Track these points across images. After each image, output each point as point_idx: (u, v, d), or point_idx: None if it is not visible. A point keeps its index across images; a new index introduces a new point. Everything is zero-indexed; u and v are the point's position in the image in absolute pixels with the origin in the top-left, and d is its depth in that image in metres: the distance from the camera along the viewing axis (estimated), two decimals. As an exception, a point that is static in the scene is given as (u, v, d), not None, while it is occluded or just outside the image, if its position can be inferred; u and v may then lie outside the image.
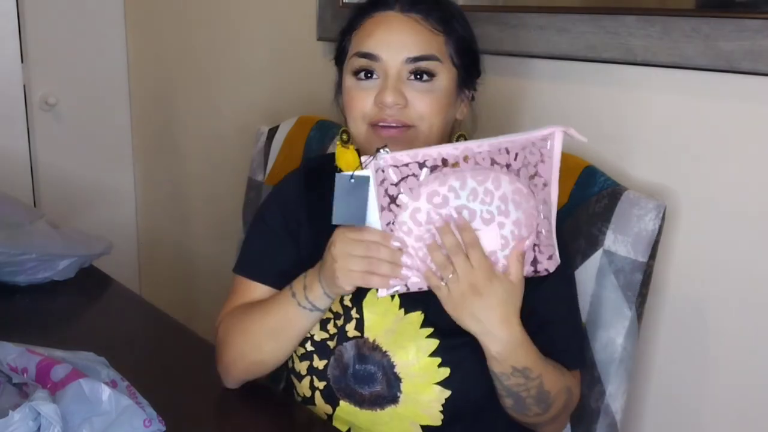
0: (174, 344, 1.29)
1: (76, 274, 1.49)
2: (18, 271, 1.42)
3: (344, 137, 1.05)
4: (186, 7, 2.18)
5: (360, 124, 1.02)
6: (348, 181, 0.92)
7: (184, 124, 2.29)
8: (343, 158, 1.03)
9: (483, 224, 0.91)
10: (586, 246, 1.12)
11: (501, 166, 0.91)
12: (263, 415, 1.11)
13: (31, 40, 2.20)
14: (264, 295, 1.10)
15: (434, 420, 1.02)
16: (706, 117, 1.16)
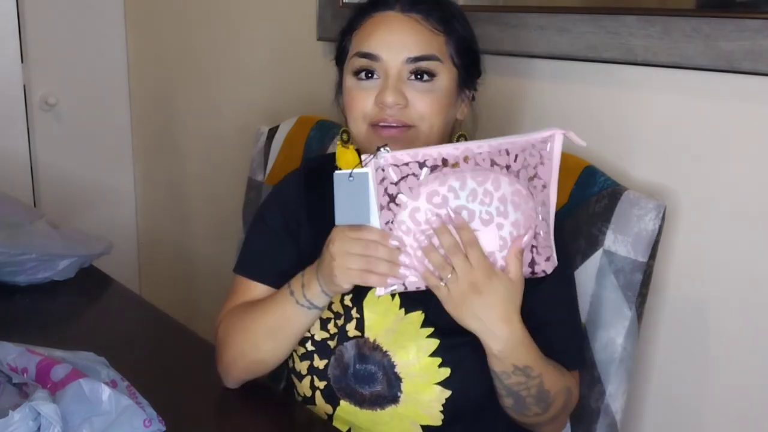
0: (174, 344, 1.29)
1: (76, 274, 1.49)
2: (18, 271, 1.42)
3: (344, 137, 1.05)
4: (186, 7, 2.18)
5: (360, 124, 1.02)
6: (346, 179, 0.91)
7: (184, 124, 2.29)
8: (343, 158, 1.03)
9: (482, 225, 0.91)
10: (586, 246, 1.12)
11: (501, 168, 0.91)
12: (263, 415, 1.11)
13: (31, 40, 2.19)
14: (264, 295, 1.10)
15: (434, 420, 1.02)
16: (707, 117, 1.16)
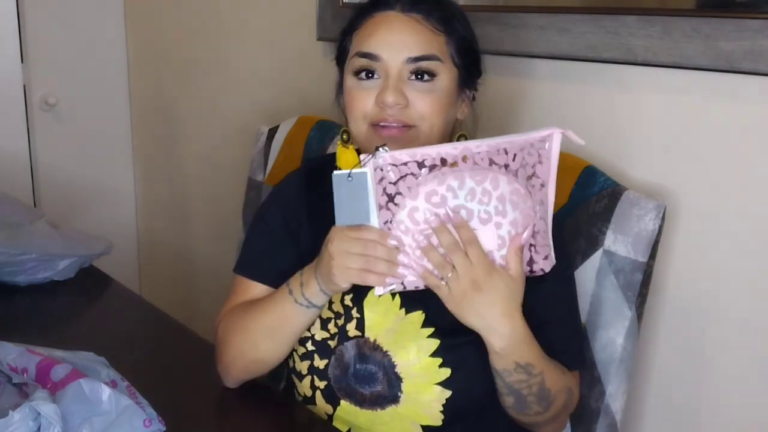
0: (174, 344, 1.29)
1: (76, 274, 1.48)
2: (18, 271, 1.42)
3: (345, 137, 1.05)
4: (186, 8, 2.18)
5: (361, 124, 1.02)
6: (345, 179, 0.91)
7: (184, 124, 2.29)
8: (343, 158, 1.04)
9: (480, 224, 0.91)
10: (586, 246, 1.12)
11: (499, 167, 0.91)
12: (263, 415, 1.11)
13: (31, 40, 2.19)
14: (264, 295, 1.10)
15: (435, 420, 1.02)
16: (707, 117, 1.16)
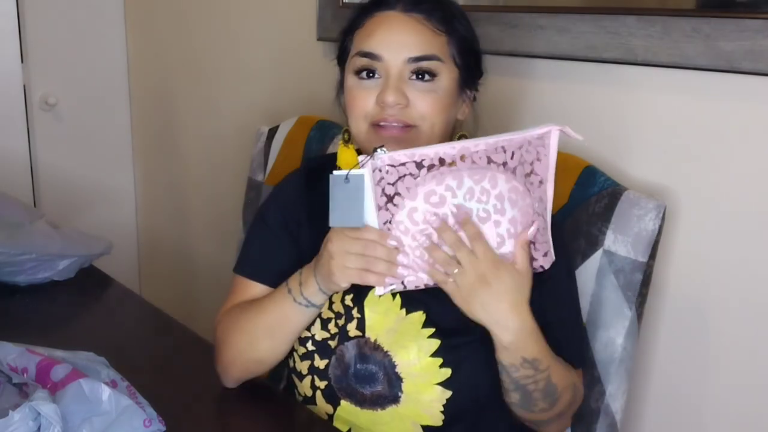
0: (174, 344, 1.29)
1: (76, 274, 1.49)
2: (18, 271, 1.42)
3: (346, 136, 1.05)
4: (186, 7, 2.18)
5: (361, 124, 1.02)
6: (342, 180, 0.92)
7: (184, 124, 2.29)
8: (343, 157, 1.04)
9: (479, 223, 0.91)
10: (586, 246, 1.12)
11: (497, 165, 0.91)
12: (263, 415, 1.11)
13: (31, 40, 2.19)
14: (263, 294, 1.10)
15: (435, 420, 1.02)
16: (706, 117, 1.16)
